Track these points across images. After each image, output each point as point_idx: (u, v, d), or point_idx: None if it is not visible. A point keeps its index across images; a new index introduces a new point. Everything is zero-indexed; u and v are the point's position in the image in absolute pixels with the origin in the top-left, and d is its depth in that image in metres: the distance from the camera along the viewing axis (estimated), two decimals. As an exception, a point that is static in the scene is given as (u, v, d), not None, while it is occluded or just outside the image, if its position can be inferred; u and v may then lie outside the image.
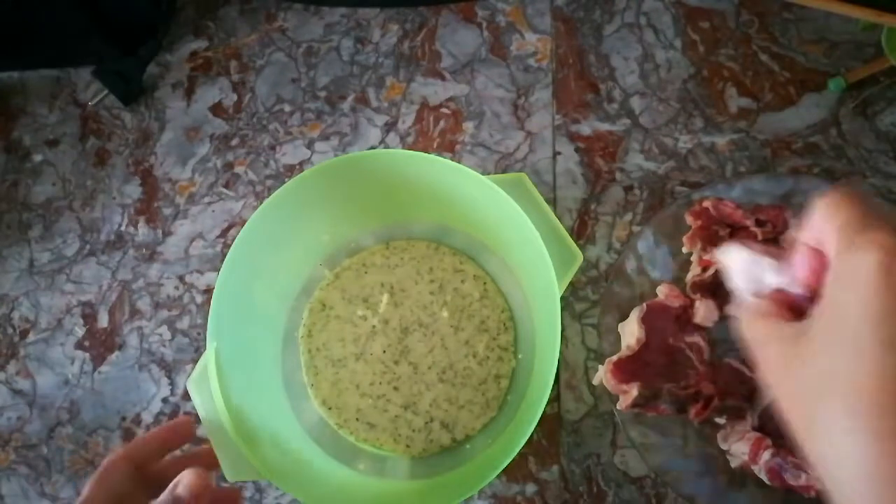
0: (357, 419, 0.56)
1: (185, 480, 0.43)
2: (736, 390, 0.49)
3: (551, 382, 0.45)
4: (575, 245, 0.49)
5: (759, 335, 0.28)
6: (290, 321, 0.59)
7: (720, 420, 0.50)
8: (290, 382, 0.57)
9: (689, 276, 0.53)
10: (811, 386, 0.24)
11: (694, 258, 0.53)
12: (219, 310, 0.52)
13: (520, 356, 0.56)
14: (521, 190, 0.51)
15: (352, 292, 0.59)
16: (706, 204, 0.52)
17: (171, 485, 0.44)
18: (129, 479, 0.43)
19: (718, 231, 0.52)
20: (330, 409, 0.56)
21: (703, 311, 0.52)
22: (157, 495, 0.43)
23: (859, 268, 0.24)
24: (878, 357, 0.23)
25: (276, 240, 0.56)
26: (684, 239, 0.53)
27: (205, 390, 0.49)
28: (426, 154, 0.52)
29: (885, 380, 0.23)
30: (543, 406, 0.44)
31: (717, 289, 0.52)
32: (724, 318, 0.53)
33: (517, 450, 0.44)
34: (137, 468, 0.46)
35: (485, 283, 0.58)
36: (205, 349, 0.62)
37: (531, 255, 0.49)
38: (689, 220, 0.53)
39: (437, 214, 0.59)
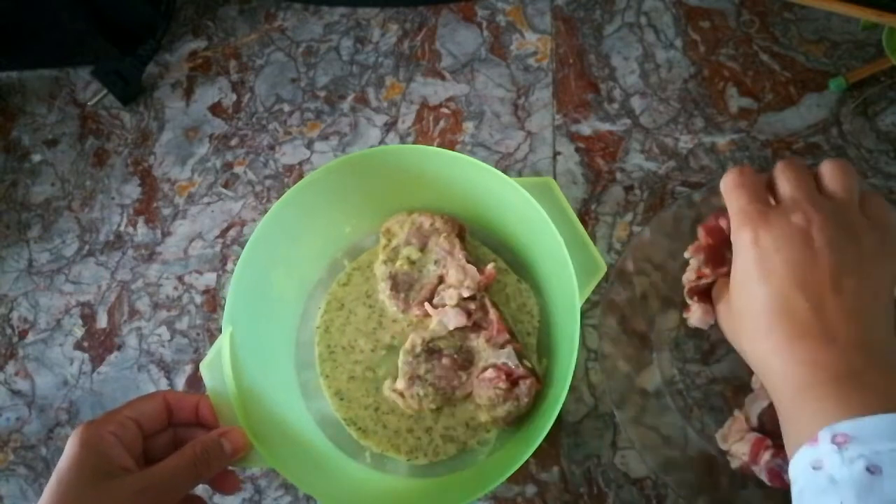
0: (364, 418, 0.55)
1: (232, 436, 0.46)
2: None
3: (565, 394, 0.44)
4: (599, 255, 0.49)
5: (715, 298, 0.45)
6: (308, 311, 0.59)
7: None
8: (303, 371, 0.57)
9: (685, 280, 0.53)
10: (734, 317, 0.41)
11: (692, 265, 0.53)
12: (236, 294, 0.52)
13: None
14: (548, 194, 0.50)
15: (371, 285, 0.59)
16: (722, 223, 0.50)
17: (214, 432, 0.46)
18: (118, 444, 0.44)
19: (726, 254, 0.51)
20: (342, 400, 0.56)
21: (700, 315, 0.51)
22: (141, 461, 0.44)
23: (742, 242, 0.40)
24: (757, 292, 0.38)
25: (297, 228, 0.56)
26: (690, 247, 0.52)
27: (217, 375, 0.49)
28: (456, 153, 0.52)
29: (763, 305, 0.38)
30: (555, 417, 0.44)
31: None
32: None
33: (525, 458, 0.44)
34: (146, 437, 0.46)
35: (520, 288, 0.57)
36: (204, 350, 0.62)
37: (553, 263, 0.48)
38: (700, 234, 0.51)
39: (461, 213, 0.58)
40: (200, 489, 0.48)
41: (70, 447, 0.42)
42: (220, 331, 0.54)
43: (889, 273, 0.39)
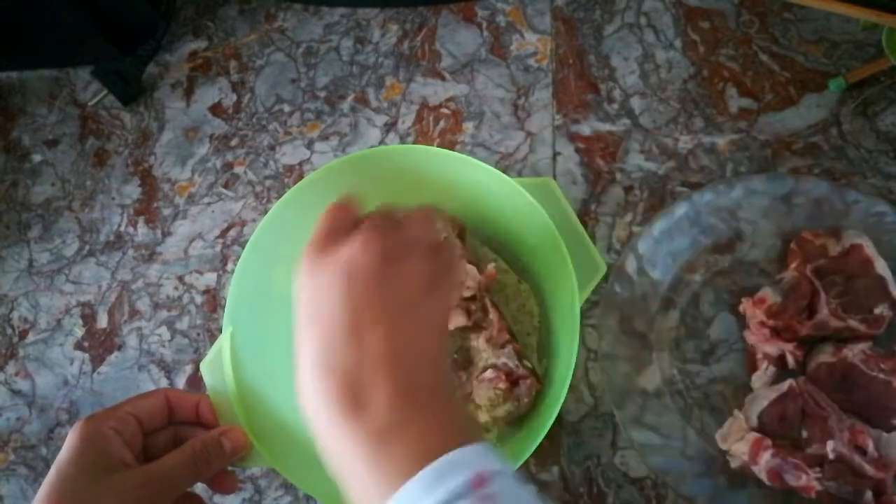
0: None
1: (232, 434, 0.46)
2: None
3: (564, 394, 0.44)
4: (599, 255, 0.49)
5: None
6: None
7: None
8: None
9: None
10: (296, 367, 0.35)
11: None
12: (237, 294, 0.52)
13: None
14: (548, 195, 0.50)
15: None
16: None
17: (214, 431, 0.46)
18: (117, 439, 0.44)
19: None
20: None
21: None
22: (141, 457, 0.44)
23: (295, 287, 0.37)
24: (304, 343, 0.35)
25: (298, 228, 0.55)
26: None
27: (217, 374, 0.49)
28: (456, 153, 0.52)
29: (308, 360, 0.35)
30: (554, 418, 0.44)
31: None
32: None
33: (525, 458, 0.44)
34: (146, 434, 0.46)
35: (520, 288, 0.57)
36: (204, 350, 0.62)
37: (554, 263, 0.49)
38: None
39: (461, 213, 0.58)
40: (200, 489, 0.48)
41: (70, 441, 0.43)
42: (220, 331, 0.54)
43: (436, 311, 0.37)
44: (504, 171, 0.63)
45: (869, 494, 0.45)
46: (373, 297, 0.34)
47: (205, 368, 0.50)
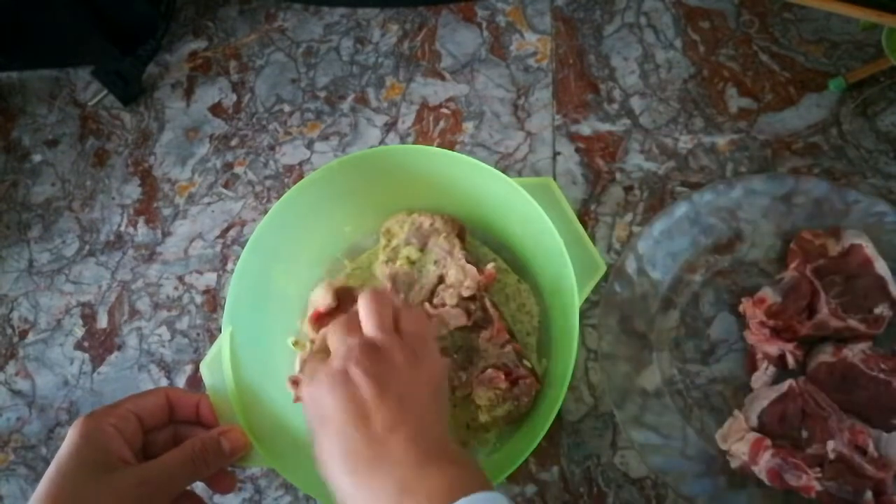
0: None
1: (232, 435, 0.47)
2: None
3: (564, 394, 0.44)
4: (598, 255, 0.49)
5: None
6: (308, 310, 0.59)
7: None
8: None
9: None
10: (320, 456, 0.41)
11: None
12: (236, 294, 0.52)
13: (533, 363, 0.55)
14: (548, 195, 0.50)
15: (371, 284, 0.59)
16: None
17: (214, 430, 0.46)
18: (117, 436, 0.44)
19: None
20: None
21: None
22: (140, 455, 0.45)
23: (303, 403, 0.43)
24: (324, 441, 0.40)
25: (297, 228, 0.56)
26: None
27: (217, 374, 0.49)
28: (456, 153, 0.52)
29: (332, 449, 0.40)
30: (554, 417, 0.44)
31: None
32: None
33: (525, 457, 0.44)
34: (146, 431, 0.46)
35: (520, 288, 0.57)
36: (204, 350, 0.62)
37: (553, 263, 0.49)
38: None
39: (461, 213, 0.58)
40: (200, 489, 0.48)
41: (70, 437, 0.43)
42: (220, 331, 0.54)
43: (425, 378, 0.42)
44: (504, 171, 0.63)
45: (869, 494, 0.45)
46: (369, 390, 0.40)
47: (204, 368, 0.50)
